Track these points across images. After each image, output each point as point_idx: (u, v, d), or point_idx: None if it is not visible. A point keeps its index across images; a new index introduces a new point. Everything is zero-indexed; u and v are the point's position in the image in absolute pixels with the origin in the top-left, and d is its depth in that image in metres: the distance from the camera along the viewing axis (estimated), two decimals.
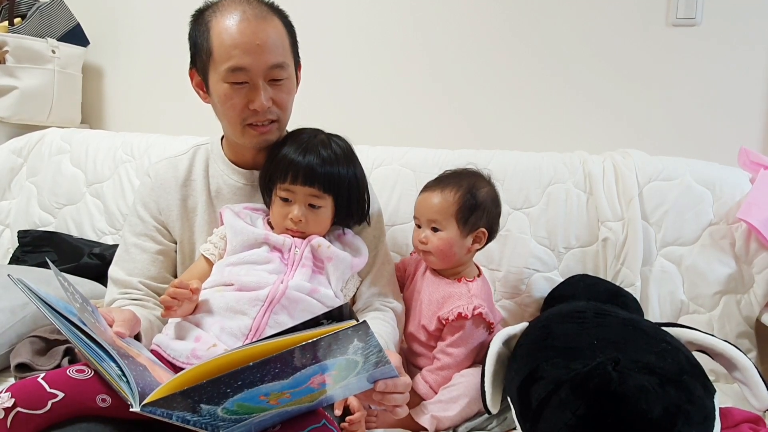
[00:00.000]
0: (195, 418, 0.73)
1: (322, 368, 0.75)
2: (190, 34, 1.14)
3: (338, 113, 1.98)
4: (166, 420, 0.72)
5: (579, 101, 1.86)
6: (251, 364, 0.68)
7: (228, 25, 1.07)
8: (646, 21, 1.80)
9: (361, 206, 1.23)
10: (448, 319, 1.23)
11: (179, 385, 0.70)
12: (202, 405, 0.71)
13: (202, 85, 1.16)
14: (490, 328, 1.27)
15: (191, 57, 1.16)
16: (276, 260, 1.11)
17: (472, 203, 1.26)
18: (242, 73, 1.07)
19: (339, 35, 2.00)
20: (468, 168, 1.35)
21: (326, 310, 1.10)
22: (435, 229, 1.28)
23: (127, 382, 0.75)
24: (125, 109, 2.23)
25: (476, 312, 1.22)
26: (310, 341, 0.69)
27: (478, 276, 1.33)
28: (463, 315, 1.22)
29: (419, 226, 1.32)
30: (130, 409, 0.72)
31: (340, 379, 0.81)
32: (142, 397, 0.72)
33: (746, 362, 1.09)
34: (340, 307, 0.78)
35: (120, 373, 0.77)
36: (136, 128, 2.00)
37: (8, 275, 0.88)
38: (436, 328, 1.26)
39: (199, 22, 1.12)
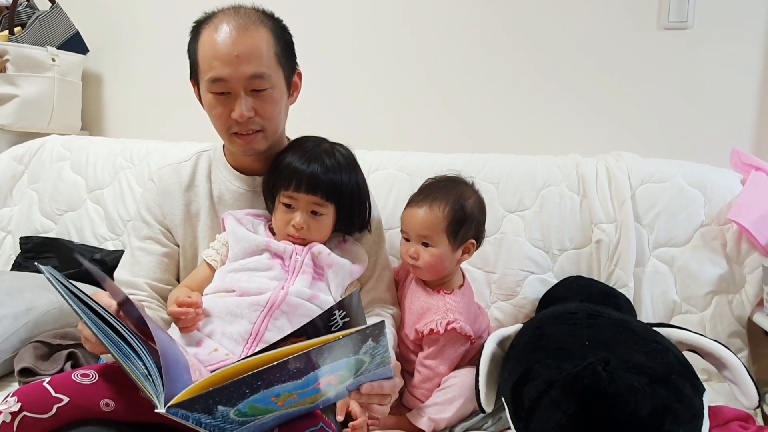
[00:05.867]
0: (208, 420, 0.75)
1: (334, 368, 0.77)
2: (188, 45, 1.16)
3: (334, 118, 1.99)
4: (183, 422, 0.74)
5: (572, 104, 1.88)
6: (275, 363, 0.71)
7: (211, 37, 1.09)
8: (638, 24, 1.82)
9: (363, 214, 1.25)
10: (422, 332, 1.24)
11: (206, 386, 0.71)
12: (219, 407, 0.73)
13: (199, 94, 1.18)
14: (470, 340, 1.26)
15: (190, 68, 1.18)
16: (277, 267, 1.13)
17: (461, 216, 1.25)
18: (222, 84, 1.10)
19: (335, 40, 2.02)
20: (451, 176, 1.34)
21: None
22: (425, 244, 1.26)
23: (153, 382, 0.75)
24: (125, 115, 2.25)
25: (449, 327, 1.22)
26: (332, 341, 0.73)
27: (461, 286, 1.32)
28: (435, 331, 1.22)
29: (407, 240, 1.30)
30: (155, 410, 0.72)
31: (344, 380, 0.84)
32: (169, 397, 0.72)
33: (735, 361, 1.11)
34: (350, 296, 0.82)
35: (146, 372, 0.77)
36: (135, 135, 2.02)
37: (36, 264, 0.91)
38: (416, 338, 1.27)
39: (195, 32, 1.14)
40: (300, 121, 1.27)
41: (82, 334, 0.93)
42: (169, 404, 0.71)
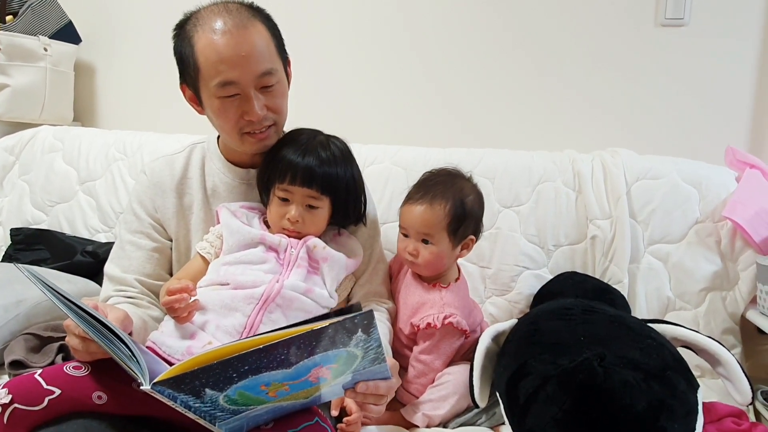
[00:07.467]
0: (197, 404, 0.75)
1: (324, 360, 0.77)
2: (175, 48, 1.13)
3: (330, 111, 1.98)
4: (170, 402, 0.73)
5: (569, 101, 1.88)
6: (261, 347, 0.70)
7: (211, 39, 1.05)
8: (635, 21, 1.82)
9: (358, 207, 1.24)
10: (418, 326, 1.23)
11: (190, 366, 0.71)
12: (206, 389, 0.73)
13: (195, 99, 1.15)
14: (465, 335, 1.26)
15: (180, 72, 1.14)
16: (272, 260, 1.12)
17: (461, 214, 1.24)
18: (232, 87, 1.07)
19: (330, 33, 2.01)
20: (449, 169, 1.32)
21: (321, 309, 1.12)
22: (425, 241, 1.25)
23: (137, 362, 0.76)
24: (117, 106, 2.23)
25: (446, 321, 1.21)
26: (317, 328, 0.72)
27: (456, 280, 1.31)
28: (432, 325, 1.22)
29: (406, 236, 1.28)
30: (141, 388, 0.72)
31: (337, 374, 0.83)
32: (154, 377, 0.73)
33: (729, 357, 1.12)
34: (351, 306, 0.80)
35: (129, 354, 0.77)
36: (128, 126, 2.00)
37: (15, 264, 0.90)
38: (411, 332, 1.26)
39: (182, 36, 1.10)
40: (297, 115, 1.26)
41: (69, 344, 0.90)
42: (155, 381, 0.71)
